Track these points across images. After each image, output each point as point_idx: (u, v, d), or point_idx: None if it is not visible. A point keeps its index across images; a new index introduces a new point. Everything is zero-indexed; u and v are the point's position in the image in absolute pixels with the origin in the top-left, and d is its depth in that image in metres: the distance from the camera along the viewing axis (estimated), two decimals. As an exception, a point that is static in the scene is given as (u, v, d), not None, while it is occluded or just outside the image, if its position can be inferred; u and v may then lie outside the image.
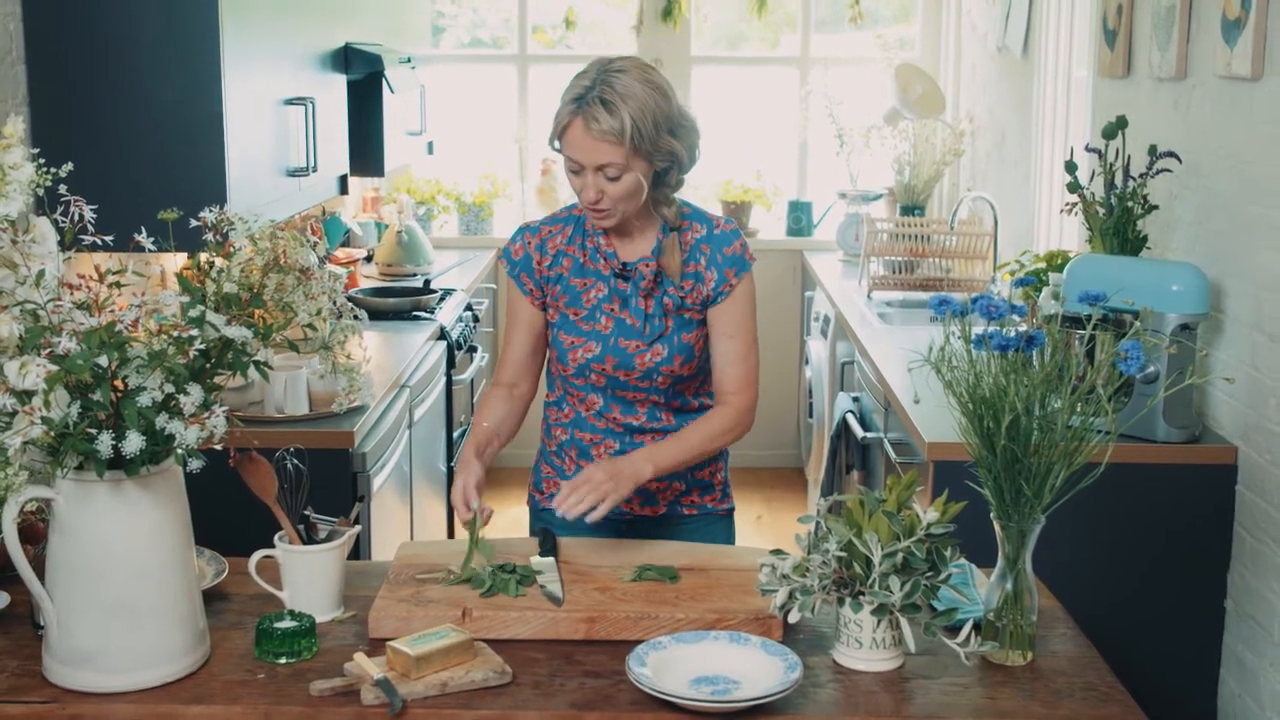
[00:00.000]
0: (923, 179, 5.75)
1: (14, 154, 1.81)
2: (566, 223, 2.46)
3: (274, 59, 3.39)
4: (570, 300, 2.43)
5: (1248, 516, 2.91)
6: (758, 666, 1.86)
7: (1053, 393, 1.88)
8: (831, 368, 4.84)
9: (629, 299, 2.40)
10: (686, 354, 2.41)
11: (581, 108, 2.24)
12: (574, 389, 2.48)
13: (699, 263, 2.40)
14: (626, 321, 2.40)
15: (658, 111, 2.25)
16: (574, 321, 2.43)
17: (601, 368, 2.41)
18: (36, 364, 1.65)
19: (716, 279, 2.39)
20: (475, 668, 1.85)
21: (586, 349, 2.42)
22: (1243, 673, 2.93)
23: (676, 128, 2.30)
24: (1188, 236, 3.21)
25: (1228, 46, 2.91)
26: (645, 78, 2.27)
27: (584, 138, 2.25)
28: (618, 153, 2.24)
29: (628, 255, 2.41)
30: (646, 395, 2.44)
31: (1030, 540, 1.94)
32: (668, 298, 2.40)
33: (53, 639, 1.82)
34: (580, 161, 2.27)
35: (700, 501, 2.54)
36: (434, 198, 6.09)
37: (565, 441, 2.52)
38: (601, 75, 2.25)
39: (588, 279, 2.42)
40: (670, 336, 2.40)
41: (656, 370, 2.40)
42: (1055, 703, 1.84)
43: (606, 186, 2.28)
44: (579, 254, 2.43)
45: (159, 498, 1.81)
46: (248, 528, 2.24)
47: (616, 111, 2.22)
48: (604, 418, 2.47)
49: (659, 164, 2.31)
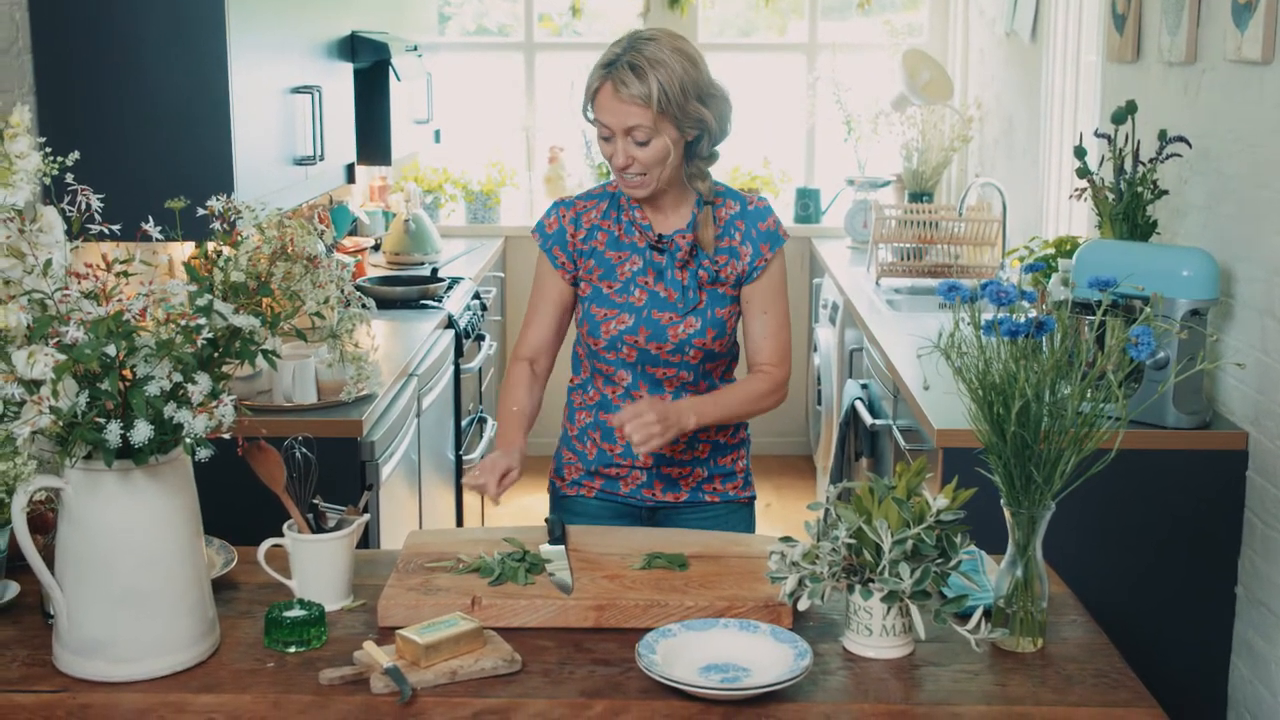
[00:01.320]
0: (931, 165, 5.73)
1: (21, 143, 1.80)
2: (601, 199, 2.49)
3: (280, 47, 3.38)
4: (605, 273, 2.45)
5: (1258, 502, 2.90)
6: (767, 654, 1.86)
7: (1063, 379, 1.87)
8: (840, 355, 4.83)
9: (664, 271, 2.43)
10: (719, 329, 2.44)
11: (611, 72, 2.29)
12: (603, 364, 2.49)
13: (734, 238, 2.43)
14: (660, 294, 2.43)
15: (685, 78, 2.29)
16: (607, 294, 2.45)
17: (634, 339, 2.43)
18: (44, 353, 1.65)
19: (752, 254, 2.43)
20: (485, 656, 1.85)
21: (620, 321, 2.43)
22: (1254, 659, 2.93)
23: (706, 96, 2.33)
24: (1198, 221, 3.19)
25: (1238, 30, 2.90)
26: (675, 45, 2.31)
27: (613, 101, 2.29)
28: (645, 115, 2.28)
29: (663, 228, 2.44)
30: (676, 373, 2.45)
31: (1040, 527, 1.93)
32: (703, 270, 2.43)
33: (62, 628, 1.83)
34: (610, 126, 2.31)
35: (723, 489, 2.55)
36: (441, 186, 6.08)
37: (589, 424, 2.53)
38: (632, 42, 2.31)
39: (623, 252, 2.45)
40: (704, 310, 2.43)
41: (689, 343, 2.42)
42: (1066, 689, 1.84)
43: (636, 151, 2.31)
44: (614, 227, 2.46)
45: (167, 487, 1.81)
46: (257, 517, 2.24)
47: (644, 76, 2.27)
48: (630, 396, 2.47)
49: (689, 131, 2.34)
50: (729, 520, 2.53)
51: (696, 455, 2.52)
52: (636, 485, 2.52)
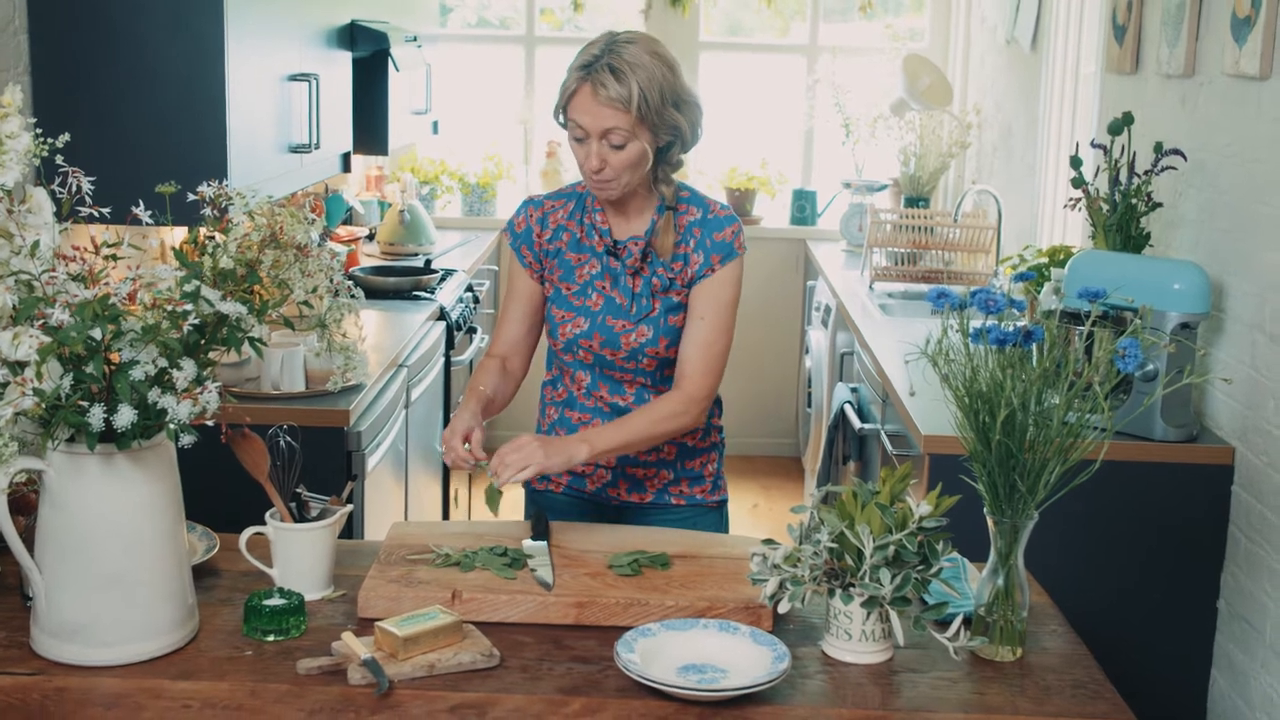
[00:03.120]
0: (928, 171, 5.73)
1: (12, 123, 1.80)
2: (570, 198, 2.47)
3: (278, 34, 3.37)
4: (564, 274, 2.44)
5: (1243, 518, 2.90)
6: (746, 656, 1.86)
7: (1049, 388, 1.87)
8: (831, 358, 4.83)
9: (619, 277, 2.40)
10: (672, 337, 2.40)
11: (590, 74, 2.25)
12: (565, 365, 2.48)
13: (689, 245, 2.39)
14: (615, 300, 2.40)
15: (664, 84, 2.26)
16: (566, 296, 2.43)
17: (589, 344, 2.41)
18: (30, 335, 1.64)
19: (701, 262, 2.38)
20: (463, 650, 1.85)
21: (575, 324, 2.42)
22: (1233, 673, 2.93)
23: (681, 103, 2.31)
24: (1191, 235, 3.20)
25: (1236, 45, 2.90)
26: (653, 50, 2.28)
27: (591, 103, 2.25)
28: (624, 119, 2.25)
29: (621, 233, 2.41)
30: (634, 376, 2.44)
31: (1023, 536, 1.93)
32: (656, 278, 2.39)
33: (41, 611, 1.82)
34: (586, 128, 2.27)
35: (689, 492, 2.53)
36: (438, 177, 6.08)
37: (556, 420, 2.52)
38: (610, 45, 2.27)
39: (583, 254, 2.43)
40: (656, 318, 2.39)
41: (641, 351, 2.40)
42: (1043, 699, 1.83)
43: (610, 155, 2.28)
44: (577, 229, 2.43)
45: (150, 472, 1.80)
46: (239, 504, 2.24)
47: (625, 79, 2.23)
48: (592, 396, 2.46)
49: (663, 137, 2.31)
50: (695, 524, 2.50)
51: (663, 457, 2.50)
52: (602, 484, 2.51)
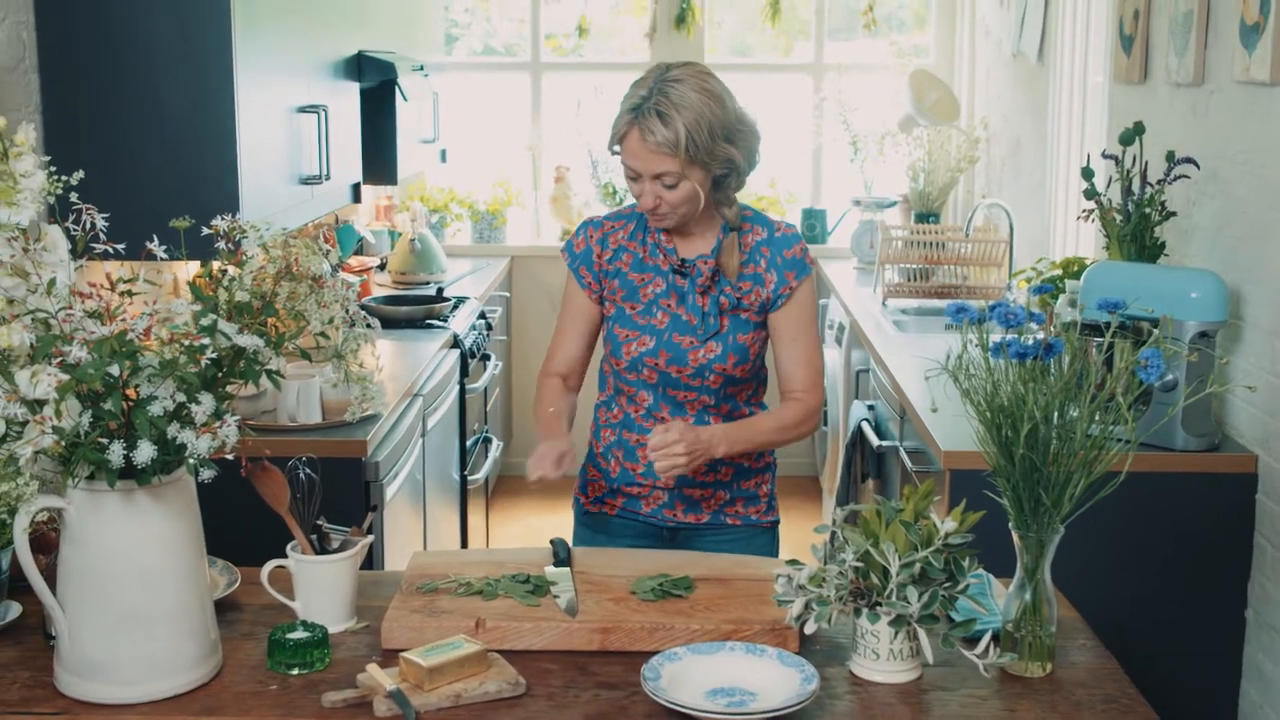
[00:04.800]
0: (937, 186, 5.73)
1: (26, 162, 1.80)
2: (630, 219, 2.49)
3: (287, 67, 3.38)
4: (628, 294, 2.46)
5: (1268, 525, 2.88)
6: (774, 678, 1.84)
7: (1071, 401, 1.85)
8: (846, 376, 4.82)
9: (686, 295, 2.42)
10: (741, 354, 2.42)
11: (638, 118, 2.27)
12: (625, 385, 2.49)
13: (758, 265, 2.43)
14: (682, 318, 2.42)
15: (714, 120, 2.28)
16: (630, 315, 2.45)
17: (654, 362, 2.42)
18: (48, 373, 1.64)
19: (776, 281, 2.42)
20: (489, 679, 1.83)
21: (641, 343, 2.43)
22: (1264, 683, 2.90)
23: (734, 134, 2.32)
24: (1206, 243, 3.18)
25: (1246, 52, 2.89)
26: (702, 85, 2.29)
27: (640, 148, 2.28)
28: (673, 163, 2.27)
29: (687, 253, 2.44)
30: (697, 396, 2.45)
31: (1049, 550, 1.91)
32: (724, 297, 2.42)
33: (64, 650, 1.81)
34: (638, 170, 2.31)
35: (745, 512, 2.54)
36: (447, 205, 6.09)
37: (613, 442, 2.52)
38: (658, 85, 2.28)
39: (646, 274, 2.45)
40: (725, 335, 2.42)
41: (709, 368, 2.41)
42: (1075, 714, 1.82)
43: (664, 194, 2.31)
44: (639, 249, 2.46)
45: (171, 507, 1.80)
46: (260, 538, 2.23)
47: (671, 123, 2.24)
48: (653, 417, 2.47)
49: (716, 170, 2.33)
50: (750, 544, 2.52)
51: (719, 478, 2.51)
52: (658, 505, 2.51)
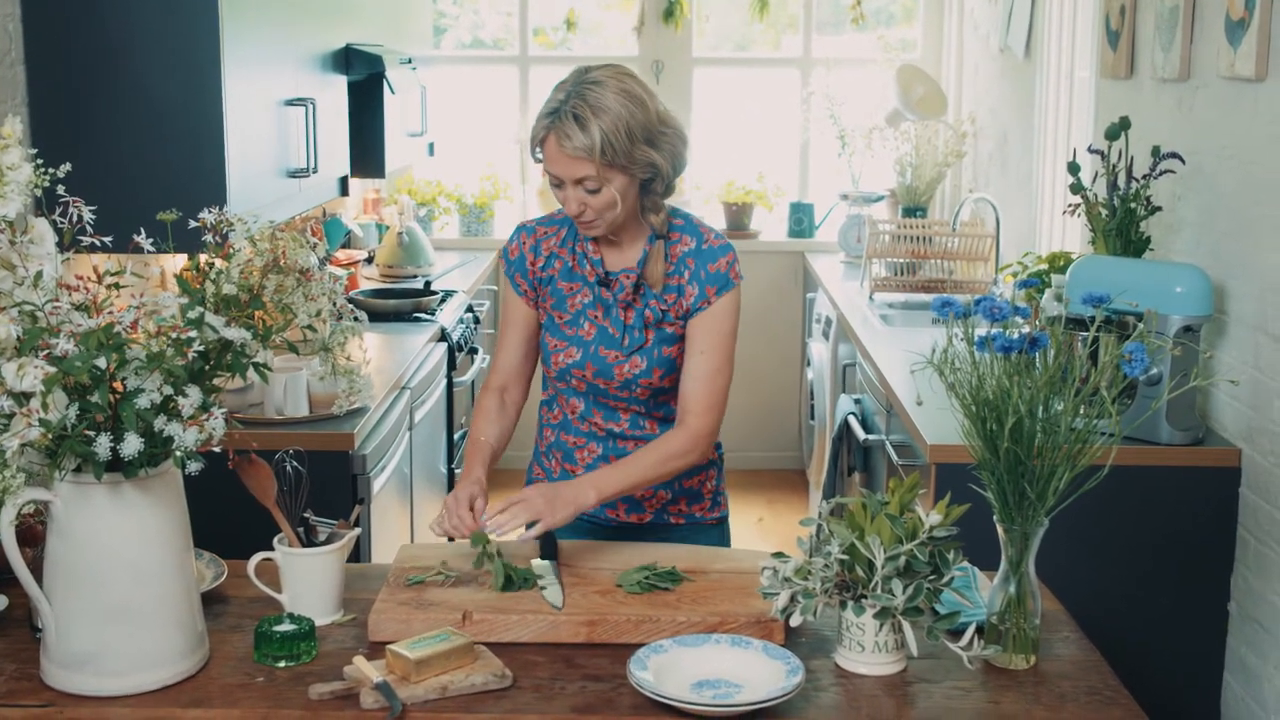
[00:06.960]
0: (924, 180, 5.74)
1: (12, 154, 1.80)
2: (562, 224, 2.43)
3: (274, 60, 3.38)
4: (557, 303, 2.42)
5: (1251, 519, 2.90)
6: (759, 670, 1.85)
7: (1056, 395, 1.86)
8: (833, 370, 4.83)
9: (611, 308, 2.38)
10: (666, 367, 2.38)
11: (554, 123, 2.21)
12: (560, 391, 2.47)
13: (682, 276, 2.36)
14: (608, 330, 2.38)
15: (632, 123, 2.21)
16: (559, 325, 2.41)
17: (581, 374, 2.39)
18: (34, 365, 1.64)
19: (696, 294, 2.35)
20: (475, 671, 1.84)
21: (568, 354, 2.40)
22: (1246, 676, 2.92)
23: (655, 137, 2.26)
24: (1191, 238, 3.20)
25: (1231, 47, 2.90)
26: (621, 88, 2.23)
27: (558, 153, 2.22)
28: (591, 167, 2.21)
29: (614, 264, 2.38)
30: (628, 404, 2.42)
31: (1033, 543, 1.93)
32: (649, 310, 2.36)
33: (50, 642, 1.81)
34: (559, 175, 2.25)
35: (688, 511, 2.51)
36: (435, 199, 6.08)
37: (553, 443, 2.51)
38: (576, 88, 2.22)
39: (574, 283, 2.40)
40: (650, 349, 2.37)
41: (635, 382, 2.38)
42: (1059, 706, 1.83)
43: (587, 199, 2.25)
44: (569, 257, 2.41)
45: (157, 500, 1.80)
46: (247, 530, 2.23)
47: (588, 127, 2.19)
48: (587, 422, 2.45)
49: (639, 175, 2.27)
50: (694, 541, 2.45)
51: None
52: (600, 505, 2.49)
